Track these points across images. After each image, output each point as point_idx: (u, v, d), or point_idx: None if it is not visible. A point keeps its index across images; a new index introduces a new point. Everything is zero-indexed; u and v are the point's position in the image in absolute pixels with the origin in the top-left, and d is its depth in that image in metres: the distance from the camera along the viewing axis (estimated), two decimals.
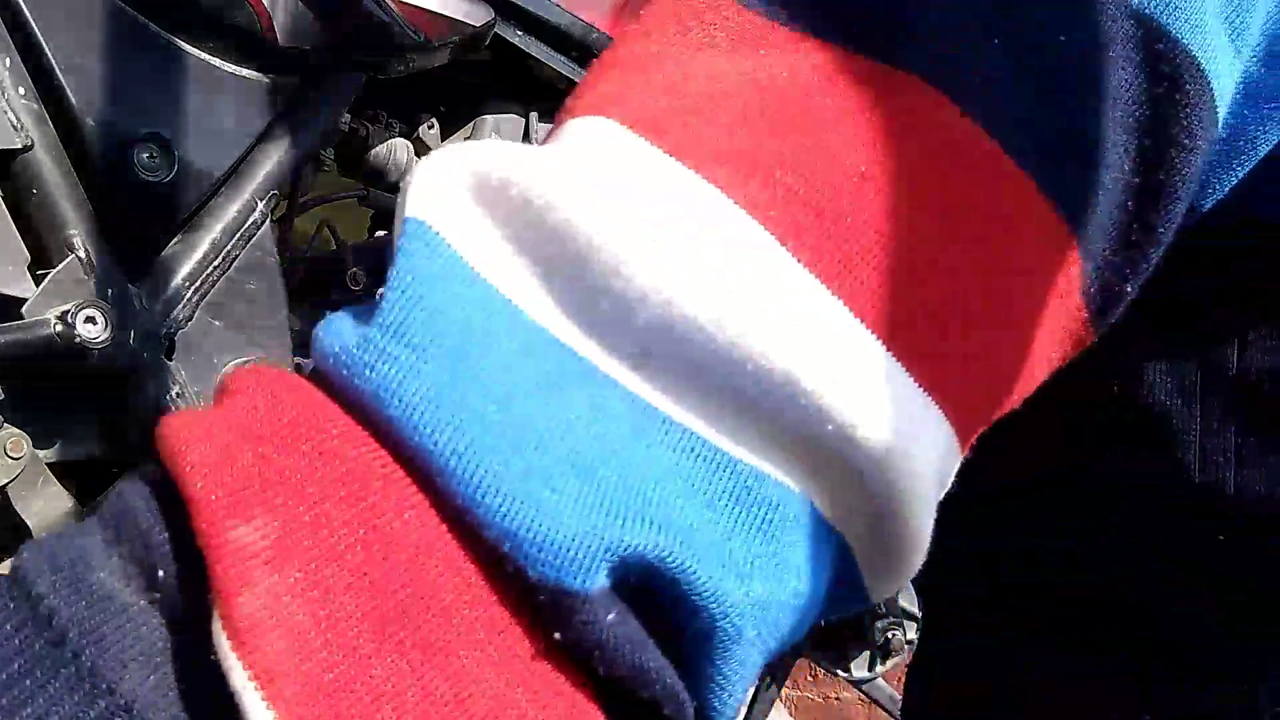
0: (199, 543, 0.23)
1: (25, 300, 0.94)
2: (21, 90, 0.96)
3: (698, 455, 0.26)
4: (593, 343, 0.26)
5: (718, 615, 0.25)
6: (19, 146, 0.95)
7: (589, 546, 0.23)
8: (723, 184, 0.26)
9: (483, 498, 0.23)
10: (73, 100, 0.99)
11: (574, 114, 0.29)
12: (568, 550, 0.23)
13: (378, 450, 0.24)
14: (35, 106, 0.97)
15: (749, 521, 0.26)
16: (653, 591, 0.25)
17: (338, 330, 0.25)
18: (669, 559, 0.24)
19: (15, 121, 0.95)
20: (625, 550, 0.24)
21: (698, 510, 0.25)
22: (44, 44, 0.98)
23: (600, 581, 0.24)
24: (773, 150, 0.27)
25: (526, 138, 1.42)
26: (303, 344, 1.14)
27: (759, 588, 0.25)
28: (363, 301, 0.27)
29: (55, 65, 0.98)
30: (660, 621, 0.25)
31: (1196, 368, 0.41)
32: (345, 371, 0.25)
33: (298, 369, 0.29)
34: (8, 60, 0.96)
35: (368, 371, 0.24)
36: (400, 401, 0.24)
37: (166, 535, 0.24)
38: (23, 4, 0.97)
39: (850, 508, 0.27)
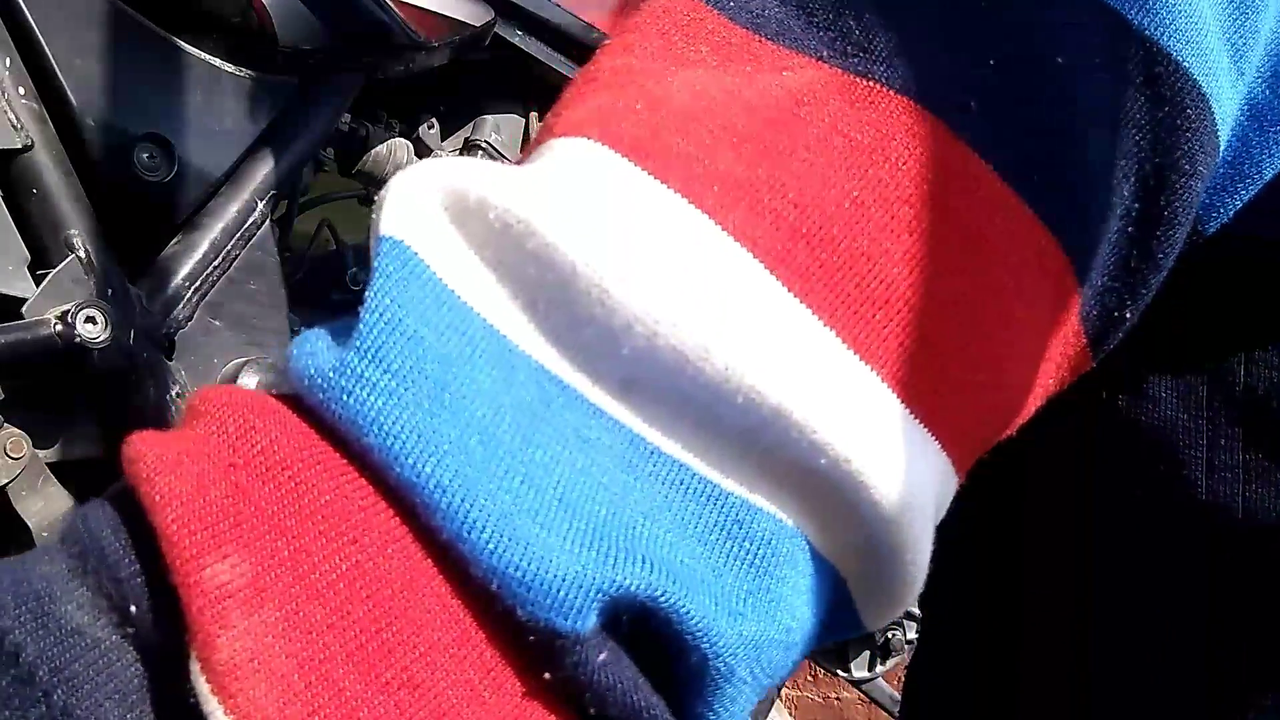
0: (173, 580, 0.22)
1: (25, 300, 0.94)
2: (21, 90, 0.96)
3: (687, 488, 0.25)
4: (577, 370, 0.25)
5: (710, 655, 0.24)
6: (19, 146, 0.95)
7: (581, 587, 0.22)
8: (710, 209, 0.25)
9: (469, 533, 0.22)
10: (73, 100, 0.99)
11: (554, 133, 0.28)
12: (559, 591, 0.22)
13: (357, 480, 0.23)
14: (35, 106, 0.97)
15: (741, 557, 0.25)
16: (645, 628, 0.24)
17: (313, 352, 0.24)
18: (662, 598, 0.23)
19: (15, 121, 0.95)
20: (617, 590, 0.23)
21: (688, 546, 0.24)
22: (44, 44, 0.98)
23: (592, 621, 0.23)
24: (761, 174, 0.26)
25: (526, 138, 1.42)
26: None
27: (752, 626, 0.24)
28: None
29: (55, 65, 0.98)
30: (652, 658, 0.24)
31: (1203, 381, 0.41)
32: (322, 396, 0.23)
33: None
34: (8, 60, 0.96)
35: (345, 397, 0.23)
36: (380, 430, 0.23)
37: (137, 567, 0.23)
38: (23, 4, 0.97)
39: (844, 540, 0.26)
